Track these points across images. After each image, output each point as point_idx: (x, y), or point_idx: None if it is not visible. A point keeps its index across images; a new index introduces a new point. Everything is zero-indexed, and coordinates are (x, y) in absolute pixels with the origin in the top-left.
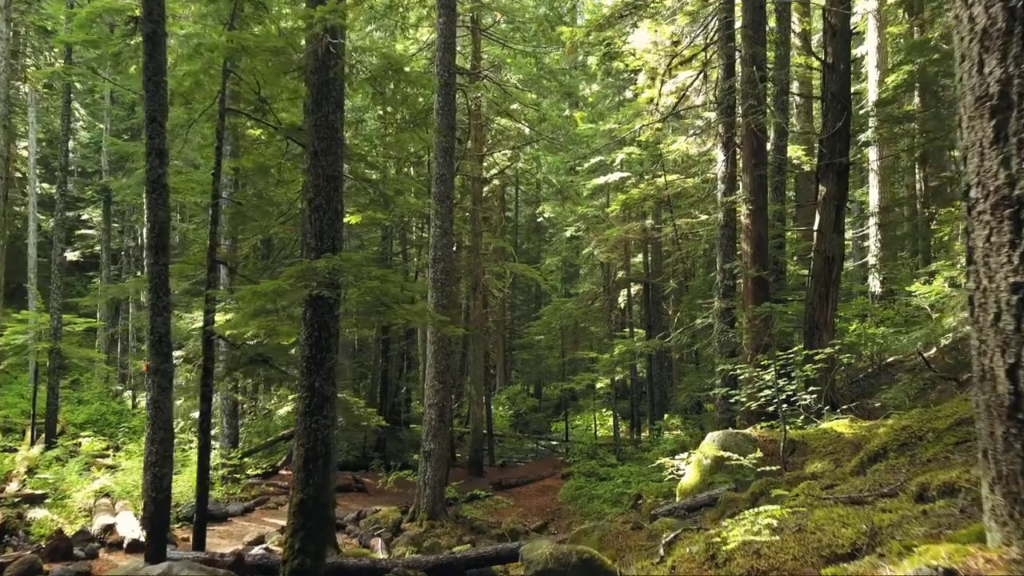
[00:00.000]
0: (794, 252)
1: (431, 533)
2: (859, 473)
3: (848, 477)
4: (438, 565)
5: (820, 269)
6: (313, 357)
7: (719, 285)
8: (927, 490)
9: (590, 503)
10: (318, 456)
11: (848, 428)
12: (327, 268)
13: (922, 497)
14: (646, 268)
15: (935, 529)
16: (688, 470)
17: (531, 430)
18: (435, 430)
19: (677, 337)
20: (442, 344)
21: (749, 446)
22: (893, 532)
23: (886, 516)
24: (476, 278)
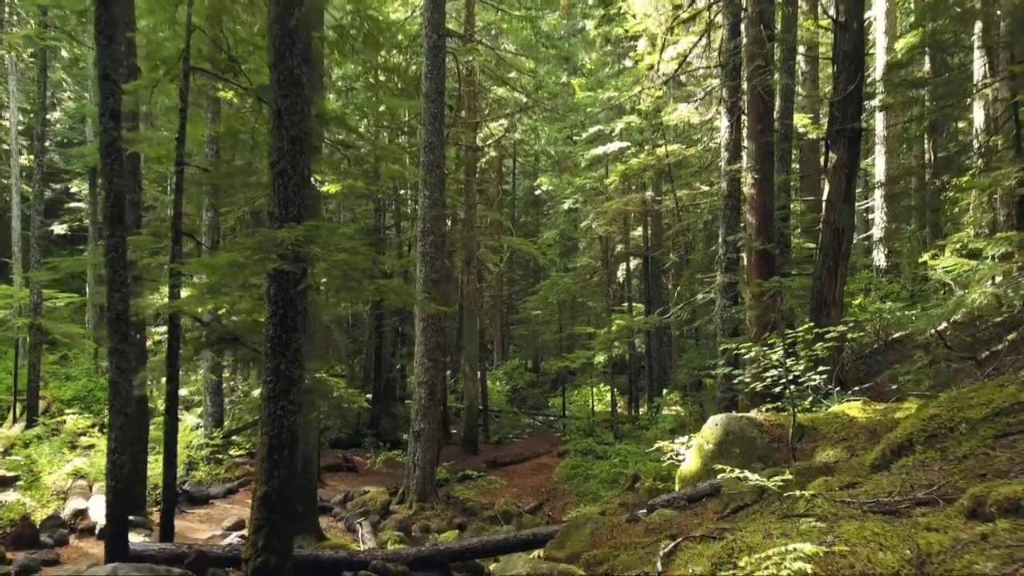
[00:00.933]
0: (799, 225)
1: (421, 516)
2: (881, 468)
3: (870, 474)
4: (420, 558)
5: (829, 242)
6: (278, 337)
7: (721, 258)
8: (983, 505)
9: (586, 483)
10: (284, 445)
11: (861, 412)
12: (290, 239)
13: (976, 513)
14: (646, 241)
15: (1008, 566)
16: (688, 455)
17: (528, 406)
18: (425, 409)
19: (677, 313)
20: (432, 321)
21: (754, 431)
22: (948, 562)
23: (933, 538)
24: (470, 252)
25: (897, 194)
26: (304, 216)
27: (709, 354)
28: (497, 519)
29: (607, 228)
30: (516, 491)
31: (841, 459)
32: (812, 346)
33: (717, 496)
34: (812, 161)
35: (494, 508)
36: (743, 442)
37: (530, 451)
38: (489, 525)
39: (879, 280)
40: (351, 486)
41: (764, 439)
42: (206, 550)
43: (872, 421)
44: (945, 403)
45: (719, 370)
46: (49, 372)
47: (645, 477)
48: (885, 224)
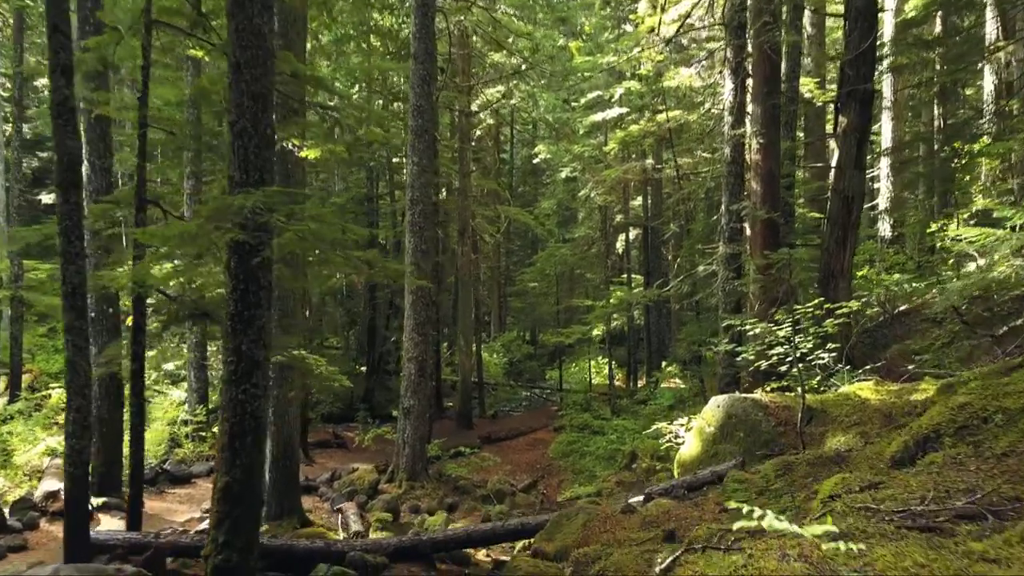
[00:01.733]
0: (803, 193)
1: (410, 495)
2: (904, 463)
3: (891, 470)
4: (401, 548)
5: (838, 210)
6: (239, 314)
7: (724, 229)
8: None
9: (582, 459)
10: (246, 432)
11: (873, 393)
12: (247, 206)
13: None
14: (645, 211)
15: None
16: (688, 438)
17: (525, 379)
18: (415, 385)
19: (677, 286)
20: (422, 294)
21: (759, 413)
22: None
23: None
24: (464, 222)
25: (904, 162)
26: (268, 181)
27: (710, 328)
28: (490, 498)
29: (606, 197)
30: (510, 468)
31: (855, 447)
32: (822, 322)
33: (719, 485)
34: (817, 128)
35: (487, 486)
36: (747, 426)
37: (526, 426)
38: (481, 504)
39: (884, 251)
40: (340, 463)
41: (769, 423)
42: (173, 541)
43: (886, 404)
44: (976, 390)
45: (721, 346)
46: (37, 345)
47: (643, 455)
48: (891, 193)
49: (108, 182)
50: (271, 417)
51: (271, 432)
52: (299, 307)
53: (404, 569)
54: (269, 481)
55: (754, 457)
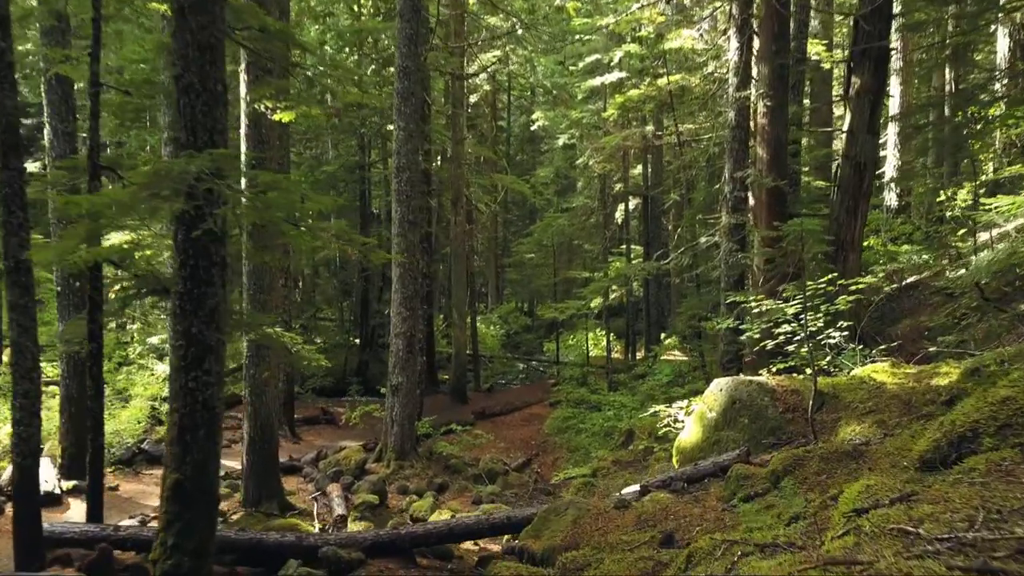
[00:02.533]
0: (809, 161)
1: (399, 475)
2: (936, 466)
3: (921, 473)
4: (379, 543)
5: (849, 178)
6: (188, 293)
7: (727, 198)
8: None
9: (578, 436)
10: (198, 424)
11: (890, 376)
12: (191, 172)
13: None
14: (645, 180)
15: None
16: (688, 423)
17: (521, 351)
18: (403, 362)
19: (677, 258)
20: (409, 266)
21: (765, 398)
22: None
23: None
24: (458, 191)
25: (920, 127)
26: (220, 143)
27: (710, 301)
28: (481, 478)
29: (605, 165)
30: (504, 445)
31: (873, 439)
32: (834, 299)
33: (721, 478)
34: (823, 92)
35: (479, 465)
36: (752, 411)
37: (521, 400)
38: (473, 484)
39: (891, 221)
40: (329, 440)
41: (776, 408)
42: (133, 534)
43: (905, 389)
44: (1020, 381)
45: (723, 323)
46: None
47: (640, 433)
48: (898, 161)
49: (72, 147)
50: (247, 397)
51: (248, 413)
52: (276, 282)
53: (381, 565)
54: (246, 464)
55: (760, 446)
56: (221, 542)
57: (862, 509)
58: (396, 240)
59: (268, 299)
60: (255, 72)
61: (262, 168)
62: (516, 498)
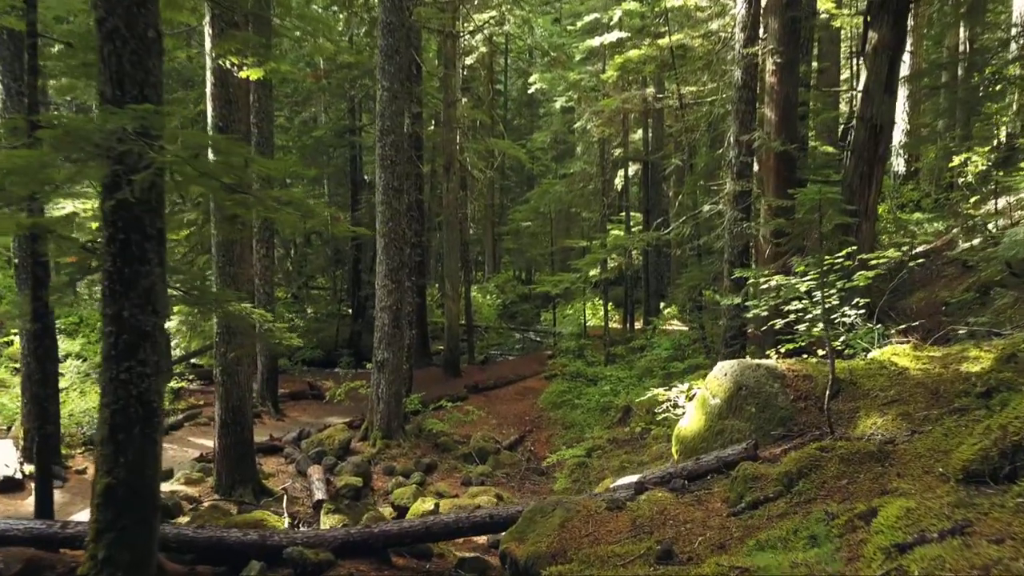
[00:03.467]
0: (815, 124)
1: (385, 455)
2: (985, 480)
3: (969, 491)
4: (349, 542)
5: (863, 141)
6: (118, 272)
7: (732, 163)
8: None
9: (573, 412)
10: (132, 421)
11: (913, 360)
12: (111, 131)
13: None
14: (646, 145)
15: None
16: (689, 410)
17: (518, 321)
18: (389, 337)
19: (679, 228)
20: (394, 236)
21: (774, 384)
22: None
23: None
24: (450, 156)
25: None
26: (153, 98)
27: (713, 271)
28: (472, 457)
29: (604, 129)
30: (497, 421)
31: (898, 436)
32: (851, 275)
33: (725, 475)
34: (832, 52)
35: (470, 443)
36: (759, 399)
37: (516, 373)
38: (463, 464)
39: (900, 188)
40: (314, 417)
41: (787, 396)
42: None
43: (931, 375)
44: None
45: (727, 299)
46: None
47: (637, 410)
48: (907, 125)
49: (35, 108)
50: (218, 377)
51: (219, 394)
52: (247, 253)
53: (352, 566)
54: (218, 448)
55: (768, 437)
56: (179, 540)
57: (905, 545)
58: (380, 208)
59: (239, 272)
60: (220, 26)
61: (230, 131)
62: (507, 478)
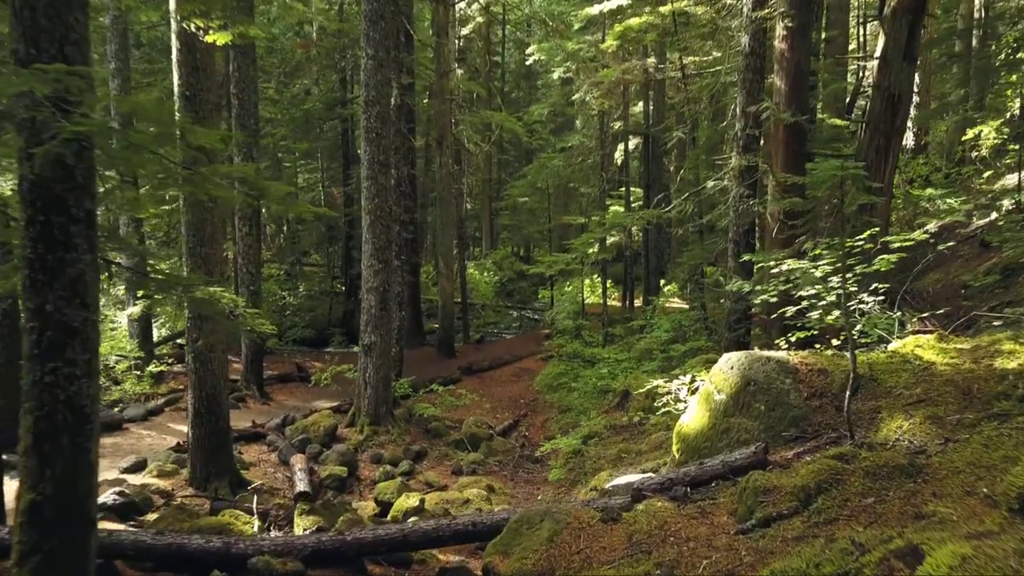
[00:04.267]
0: (822, 96)
1: (373, 442)
2: None
3: None
4: (320, 551)
5: (880, 111)
6: (40, 260)
7: (738, 136)
8: None
9: (569, 395)
10: (60, 429)
11: (938, 353)
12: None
13: None
14: (646, 118)
15: None
16: (692, 405)
17: (515, 299)
18: (376, 319)
19: (681, 205)
20: (381, 214)
21: (785, 379)
22: None
23: None
24: (443, 129)
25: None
26: (76, 58)
27: (715, 249)
28: (463, 443)
29: (603, 101)
30: (491, 405)
31: (929, 444)
32: (871, 258)
33: (732, 481)
34: (840, 20)
35: (462, 429)
36: (769, 396)
37: (511, 354)
38: (454, 451)
39: (910, 162)
40: (302, 400)
41: (799, 393)
42: None
43: (960, 371)
44: None
45: (731, 283)
46: None
47: (636, 396)
48: (917, 98)
49: None
50: (191, 364)
51: (191, 382)
52: (220, 234)
53: None
54: (191, 439)
55: (779, 439)
56: (136, 547)
57: None
58: (366, 184)
59: (211, 253)
60: None
61: (198, 100)
62: (500, 466)
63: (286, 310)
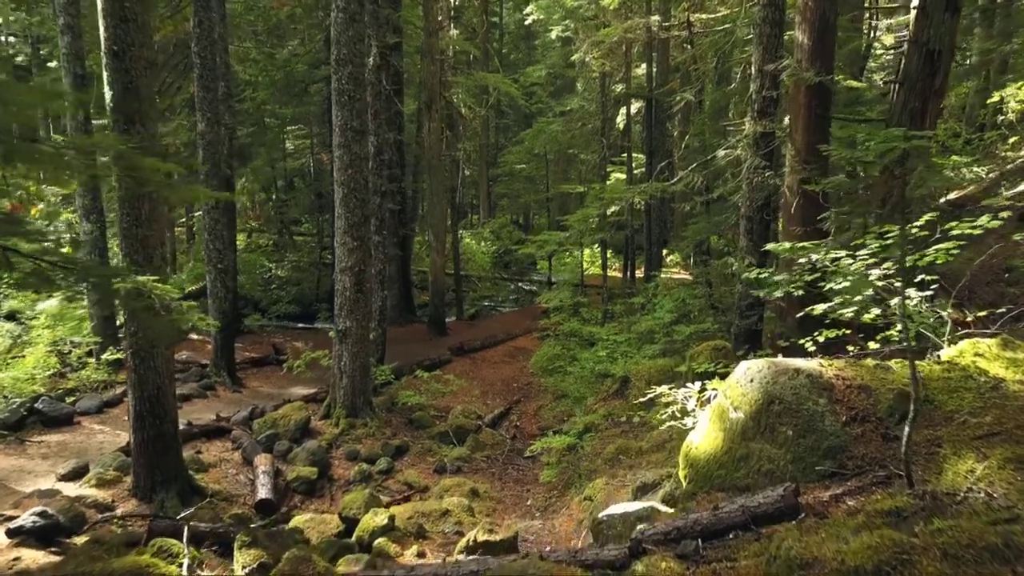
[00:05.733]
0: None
1: (349, 436)
2: None
3: None
4: None
5: (916, 70)
6: None
7: (753, 98)
8: None
9: (566, 380)
10: None
11: (1006, 366)
12: None
13: None
14: (649, 80)
15: None
16: (703, 421)
17: (513, 271)
18: (351, 303)
19: (688, 177)
20: (356, 186)
21: (818, 398)
22: None
23: None
24: (432, 92)
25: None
26: None
27: (722, 223)
28: (448, 436)
29: (604, 62)
30: (481, 390)
31: (1020, 503)
32: (925, 248)
33: (754, 534)
34: None
35: (448, 419)
36: (799, 419)
37: (505, 332)
38: (438, 445)
39: None
40: (277, 387)
41: (837, 417)
42: None
43: None
44: None
45: (747, 271)
46: None
47: (636, 381)
48: None
49: None
50: (129, 361)
51: (131, 381)
52: (161, 211)
53: None
54: (134, 445)
55: (812, 474)
56: None
57: None
58: (338, 153)
59: (148, 235)
60: None
61: (129, 57)
62: (488, 463)
63: (272, 283)
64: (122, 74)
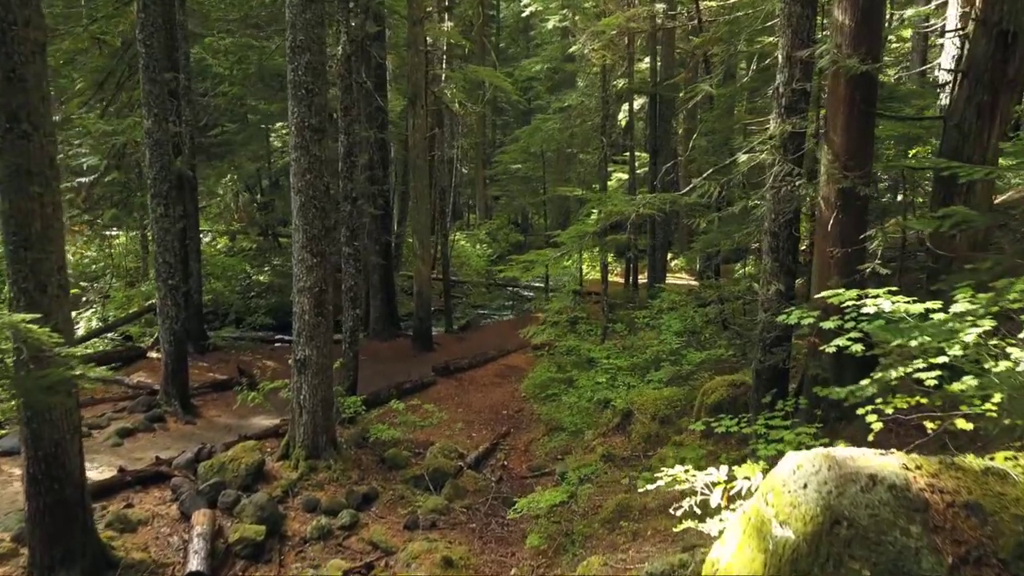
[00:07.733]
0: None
1: (310, 481)
2: None
3: None
4: None
5: (984, 56)
6: None
7: (780, 92)
8: None
9: (561, 409)
10: None
11: None
12: None
13: None
14: (653, 75)
15: None
16: (733, 535)
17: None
18: (311, 328)
19: (703, 186)
20: (314, 194)
21: (910, 525)
22: None
23: None
24: (416, 87)
25: None
26: None
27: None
28: (424, 481)
29: (604, 55)
30: (466, 420)
31: None
32: None
33: None
34: None
35: (426, 458)
36: (880, 555)
37: (497, 347)
38: (411, 492)
39: None
40: (236, 417)
41: (939, 557)
42: None
43: None
44: None
45: (781, 315)
46: None
47: (640, 415)
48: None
49: None
50: (21, 414)
51: (22, 436)
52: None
53: None
54: (27, 515)
55: None
56: None
57: None
58: (294, 156)
59: (40, 259)
60: None
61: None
62: (468, 515)
63: (251, 291)
64: (2, 59)
